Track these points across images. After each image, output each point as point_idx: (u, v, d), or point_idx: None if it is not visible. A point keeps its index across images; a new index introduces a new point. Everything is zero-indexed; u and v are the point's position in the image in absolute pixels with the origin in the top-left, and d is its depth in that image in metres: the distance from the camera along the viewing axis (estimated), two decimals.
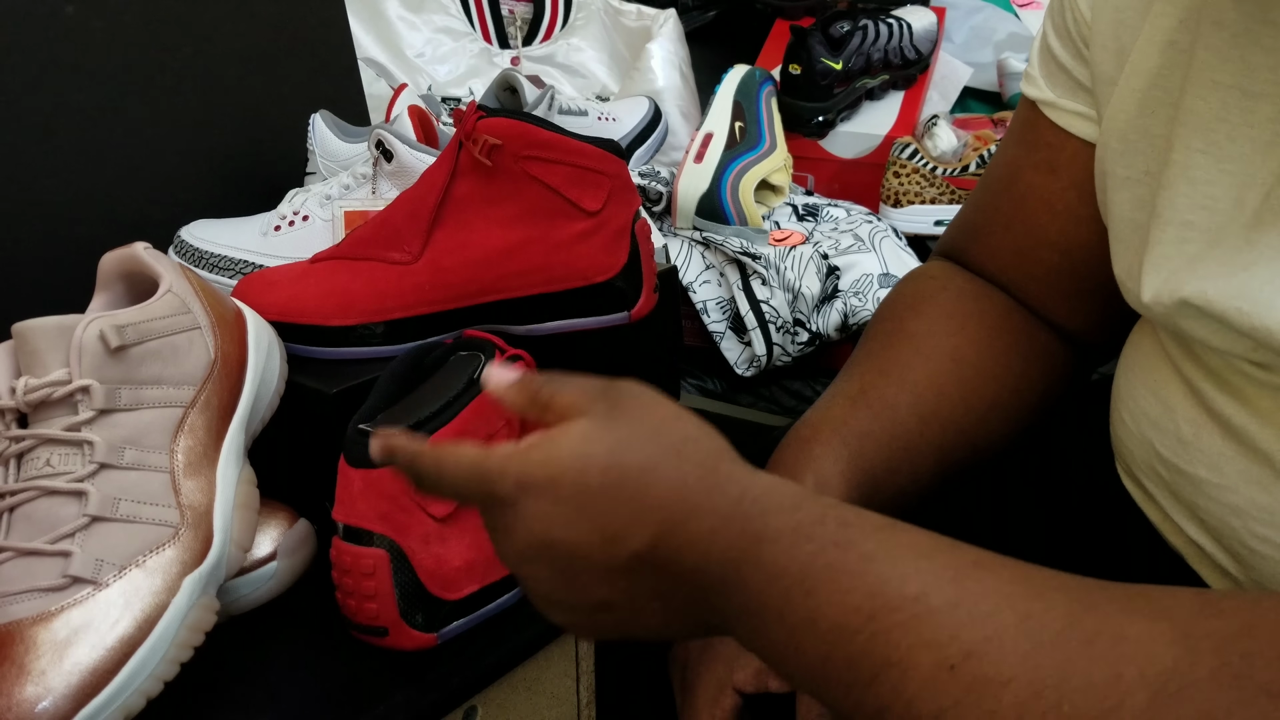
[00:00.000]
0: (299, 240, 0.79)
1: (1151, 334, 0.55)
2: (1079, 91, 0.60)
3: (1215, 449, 0.48)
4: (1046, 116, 0.62)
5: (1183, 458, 0.50)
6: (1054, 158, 0.62)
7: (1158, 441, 0.52)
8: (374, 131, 0.79)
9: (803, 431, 0.60)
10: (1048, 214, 0.63)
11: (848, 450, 0.58)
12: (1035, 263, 0.64)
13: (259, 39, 0.99)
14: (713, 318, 1.08)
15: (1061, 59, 0.60)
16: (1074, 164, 0.61)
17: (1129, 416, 0.55)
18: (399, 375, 0.60)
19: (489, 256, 0.68)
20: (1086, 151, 0.59)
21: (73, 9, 0.84)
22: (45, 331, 0.54)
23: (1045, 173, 0.62)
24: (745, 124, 1.16)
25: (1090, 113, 0.59)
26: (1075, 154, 0.60)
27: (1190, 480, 0.50)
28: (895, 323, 0.66)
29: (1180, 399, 0.51)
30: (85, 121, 0.86)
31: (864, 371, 0.63)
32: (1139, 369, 0.55)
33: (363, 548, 0.54)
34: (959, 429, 0.61)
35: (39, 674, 0.47)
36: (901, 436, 0.59)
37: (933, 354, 0.62)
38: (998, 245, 0.66)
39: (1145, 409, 0.53)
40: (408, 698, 0.54)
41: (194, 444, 0.56)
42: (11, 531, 0.52)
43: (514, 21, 1.42)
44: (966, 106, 1.48)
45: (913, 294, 0.68)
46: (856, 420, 0.59)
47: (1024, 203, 0.64)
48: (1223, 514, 0.48)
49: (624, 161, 0.70)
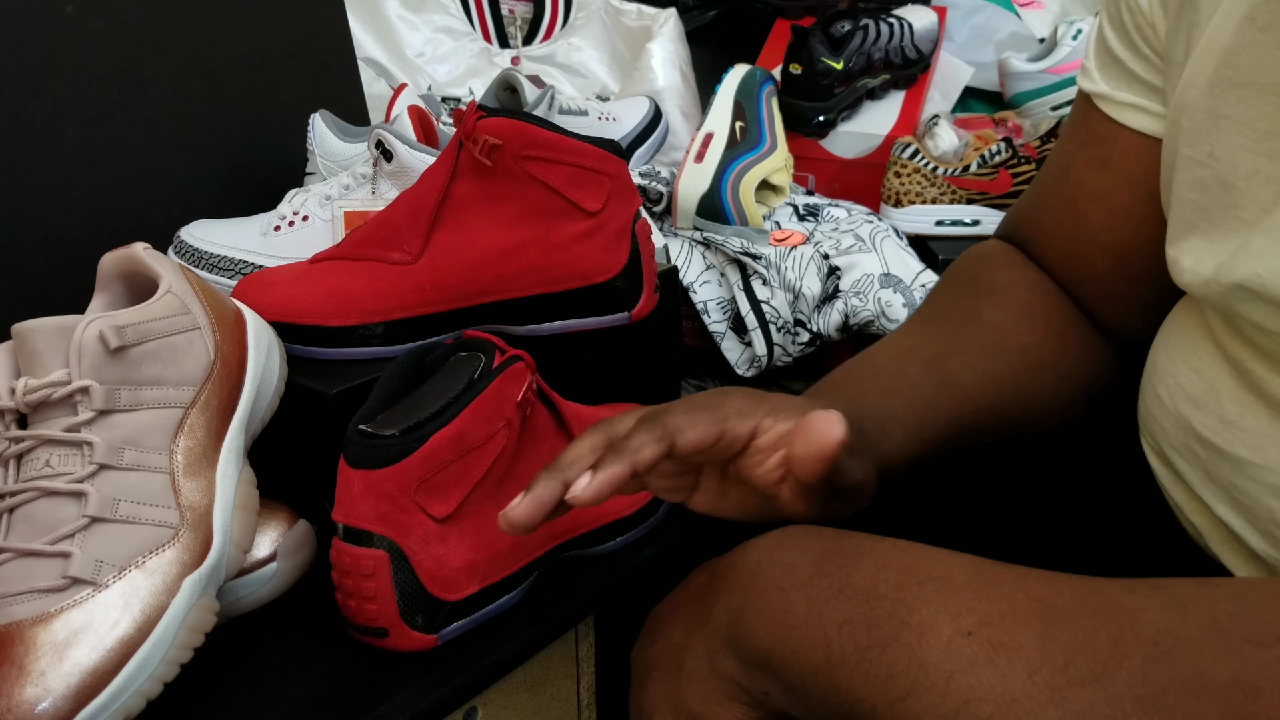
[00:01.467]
0: (299, 240, 0.79)
1: (1195, 312, 0.55)
2: (1134, 84, 0.59)
3: (1260, 429, 0.48)
4: (1100, 110, 0.61)
5: (1223, 437, 0.50)
6: (1106, 153, 0.61)
7: (1196, 420, 0.52)
8: (374, 131, 0.79)
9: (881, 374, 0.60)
10: (1100, 213, 0.63)
11: (915, 417, 0.58)
12: (1087, 264, 0.64)
13: (259, 39, 0.99)
14: (713, 318, 1.08)
15: (1117, 51, 0.60)
16: (1126, 158, 0.60)
17: (1165, 394, 0.55)
18: (399, 376, 0.60)
19: (489, 257, 0.68)
20: (1140, 145, 0.59)
21: (73, 9, 0.84)
22: (45, 332, 0.54)
23: (1097, 169, 0.62)
24: (746, 124, 1.16)
25: (1147, 105, 0.59)
26: (1128, 148, 0.60)
27: (1229, 460, 0.50)
28: (973, 301, 0.66)
29: (1225, 378, 0.51)
30: (85, 122, 0.86)
31: (938, 339, 0.63)
32: (1180, 347, 0.55)
33: (363, 549, 0.54)
34: (1003, 421, 0.61)
35: (39, 675, 0.47)
36: (959, 419, 0.60)
37: (1004, 348, 0.63)
38: (1048, 245, 0.67)
39: (1185, 387, 0.53)
40: (408, 699, 0.54)
41: (194, 445, 0.56)
42: (11, 532, 0.52)
43: (514, 21, 1.42)
44: (968, 106, 1.48)
45: (991, 280, 0.68)
46: (929, 389, 0.60)
47: (1075, 202, 0.64)
48: (1260, 494, 0.48)
49: (624, 161, 0.70)
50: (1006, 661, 0.36)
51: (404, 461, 0.54)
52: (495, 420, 0.57)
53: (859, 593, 0.41)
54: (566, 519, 0.62)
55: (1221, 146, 0.49)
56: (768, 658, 0.43)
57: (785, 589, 0.43)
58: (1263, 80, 0.47)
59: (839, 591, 0.41)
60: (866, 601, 0.40)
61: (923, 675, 0.37)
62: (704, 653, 0.47)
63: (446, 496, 0.56)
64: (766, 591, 0.44)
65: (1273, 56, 0.47)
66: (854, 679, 0.39)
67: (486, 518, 0.58)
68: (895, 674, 0.38)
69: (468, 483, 0.56)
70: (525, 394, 0.59)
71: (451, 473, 0.55)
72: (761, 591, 0.44)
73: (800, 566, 0.44)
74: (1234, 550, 0.52)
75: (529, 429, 0.60)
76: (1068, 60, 1.37)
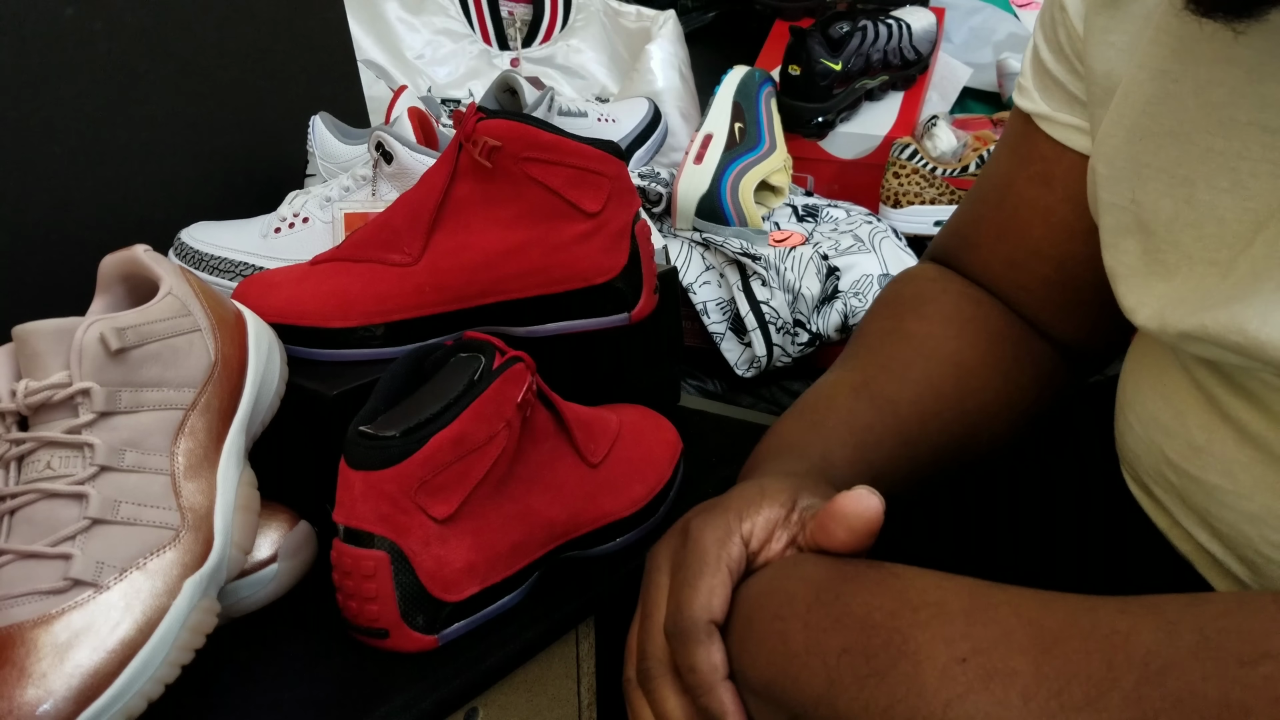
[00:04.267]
0: (299, 242, 0.79)
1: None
2: (1074, 105, 0.59)
3: (1229, 455, 0.48)
4: (1041, 129, 0.61)
5: (1194, 464, 0.50)
6: (1048, 170, 0.61)
7: (1168, 447, 0.52)
8: (374, 133, 0.79)
9: (808, 414, 0.60)
10: (1042, 226, 0.62)
11: (854, 439, 0.58)
12: (1028, 274, 0.64)
13: (259, 41, 0.99)
14: (713, 319, 1.08)
15: (1055, 72, 0.60)
16: (1069, 177, 0.60)
17: (1137, 422, 0.55)
18: (399, 377, 0.60)
19: (489, 258, 0.68)
20: (1082, 164, 0.58)
21: (73, 11, 0.84)
22: (45, 334, 0.54)
23: (1039, 185, 0.62)
24: (745, 125, 1.16)
25: (1086, 126, 0.58)
26: (1071, 167, 0.60)
27: (1202, 487, 0.50)
28: (895, 321, 0.66)
29: (1192, 404, 0.50)
30: (85, 124, 0.86)
31: (864, 365, 0.63)
32: (1147, 374, 0.55)
33: (363, 549, 0.54)
34: (954, 431, 0.61)
35: (40, 677, 0.47)
36: (903, 433, 0.59)
37: (933, 355, 0.62)
38: (989, 255, 0.66)
39: (1155, 414, 0.53)
40: (409, 699, 0.54)
41: (194, 446, 0.56)
42: (12, 534, 0.52)
43: (513, 23, 1.42)
44: (966, 107, 1.48)
45: (913, 295, 0.68)
46: (862, 412, 0.59)
47: (1017, 214, 0.63)
48: (1236, 521, 0.48)
49: (624, 163, 0.70)
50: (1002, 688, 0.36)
51: (404, 462, 0.54)
52: (495, 421, 0.57)
53: (856, 621, 0.41)
54: (567, 520, 0.62)
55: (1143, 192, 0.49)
56: (770, 687, 0.43)
57: (784, 618, 0.43)
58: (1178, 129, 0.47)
59: (836, 620, 0.41)
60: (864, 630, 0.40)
61: (921, 703, 0.38)
62: None
63: (447, 497, 0.56)
64: (766, 620, 0.44)
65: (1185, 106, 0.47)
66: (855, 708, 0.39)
67: (487, 518, 0.58)
68: (895, 702, 0.38)
69: (468, 484, 0.56)
70: (525, 395, 0.59)
71: (452, 474, 0.55)
72: (762, 621, 0.44)
73: (799, 595, 0.44)
74: (1221, 576, 0.52)
75: (529, 430, 0.60)
76: None
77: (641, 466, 0.67)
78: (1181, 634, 0.35)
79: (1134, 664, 0.35)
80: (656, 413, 0.74)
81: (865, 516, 0.44)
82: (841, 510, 0.45)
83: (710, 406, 1.01)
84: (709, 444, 0.79)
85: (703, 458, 0.76)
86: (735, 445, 0.79)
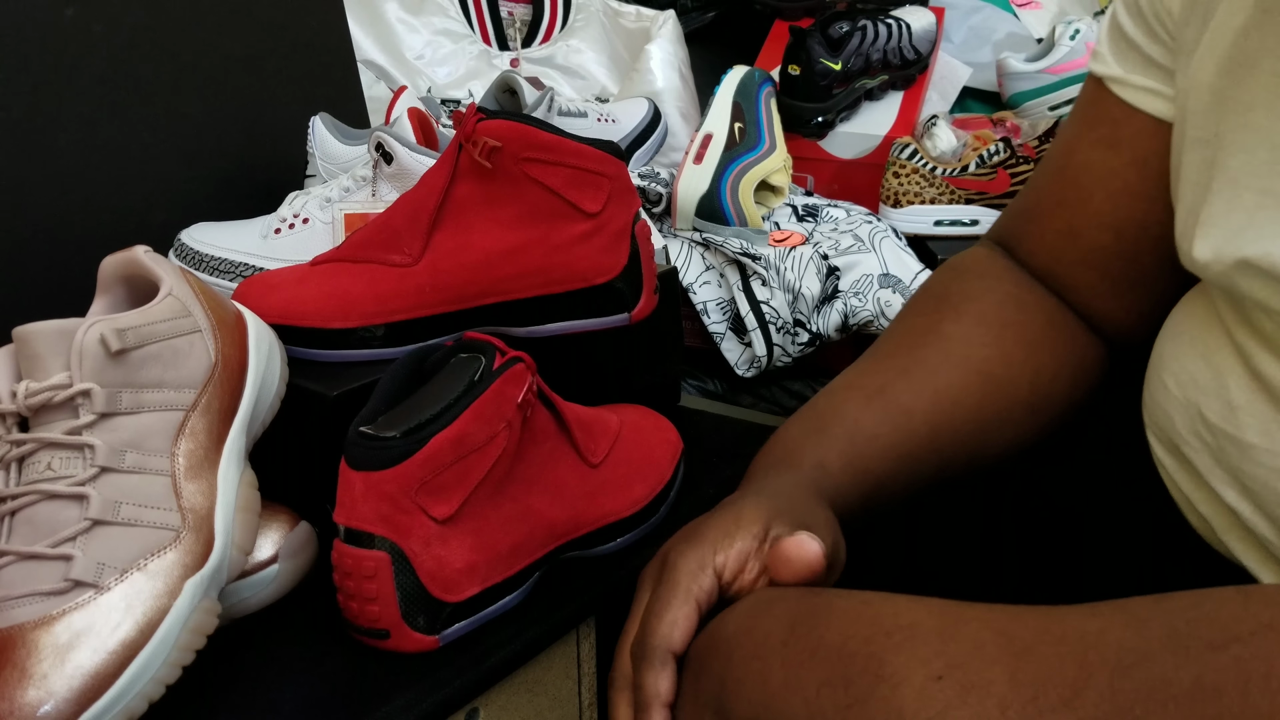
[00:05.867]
0: (299, 243, 0.79)
1: (1205, 300, 0.55)
2: (1150, 68, 0.59)
3: (1267, 414, 0.49)
4: (1113, 93, 0.61)
5: (1232, 423, 0.51)
6: (1116, 133, 0.61)
7: (1205, 407, 0.52)
8: (374, 134, 0.79)
9: (813, 419, 0.61)
10: (1103, 191, 0.62)
11: (854, 449, 0.58)
12: (1086, 244, 0.64)
13: (259, 42, 0.99)
14: (713, 319, 1.08)
15: (1132, 36, 0.60)
16: (1136, 140, 0.60)
17: (1173, 382, 0.55)
18: (400, 378, 0.60)
19: (489, 258, 0.68)
20: (1151, 128, 0.59)
21: (73, 12, 0.84)
22: (46, 335, 0.54)
23: (1105, 148, 0.62)
24: (745, 125, 1.16)
25: (1160, 89, 0.59)
26: (1139, 130, 0.60)
27: (1238, 445, 0.50)
28: (932, 319, 0.66)
29: (1232, 365, 0.51)
30: (85, 125, 0.86)
31: (886, 369, 0.63)
32: (1189, 335, 0.55)
33: (364, 550, 0.55)
34: (966, 442, 0.61)
35: (41, 678, 0.47)
36: (908, 444, 0.59)
37: (961, 363, 0.62)
38: (1047, 226, 0.66)
39: (1194, 375, 0.54)
40: (409, 700, 0.54)
41: (195, 447, 0.56)
42: (13, 535, 0.52)
43: (513, 23, 1.42)
44: (966, 106, 1.48)
45: (957, 292, 0.67)
46: (869, 420, 0.60)
47: (1078, 181, 0.64)
48: (1268, 479, 0.49)
49: (624, 163, 0.70)
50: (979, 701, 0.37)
51: (405, 463, 0.54)
52: (496, 422, 0.57)
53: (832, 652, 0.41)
54: (567, 520, 0.62)
55: (1226, 126, 0.50)
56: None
57: (762, 656, 0.44)
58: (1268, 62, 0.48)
59: (813, 654, 0.42)
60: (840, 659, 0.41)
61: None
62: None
63: (447, 498, 0.56)
64: (745, 660, 0.44)
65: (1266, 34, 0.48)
66: None
67: (487, 519, 0.58)
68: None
69: (469, 484, 0.56)
70: (526, 395, 0.59)
71: (452, 474, 0.56)
72: (740, 661, 0.44)
73: (774, 633, 0.44)
74: (1242, 538, 0.52)
75: (530, 430, 0.60)
76: (1065, 60, 1.37)
77: (642, 466, 0.68)
78: (1151, 628, 0.36)
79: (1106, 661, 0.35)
80: (657, 413, 0.74)
81: (805, 560, 0.48)
82: (785, 555, 0.49)
83: (710, 406, 1.02)
84: (709, 444, 0.79)
85: (703, 458, 0.76)
86: (735, 445, 0.79)
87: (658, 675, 0.48)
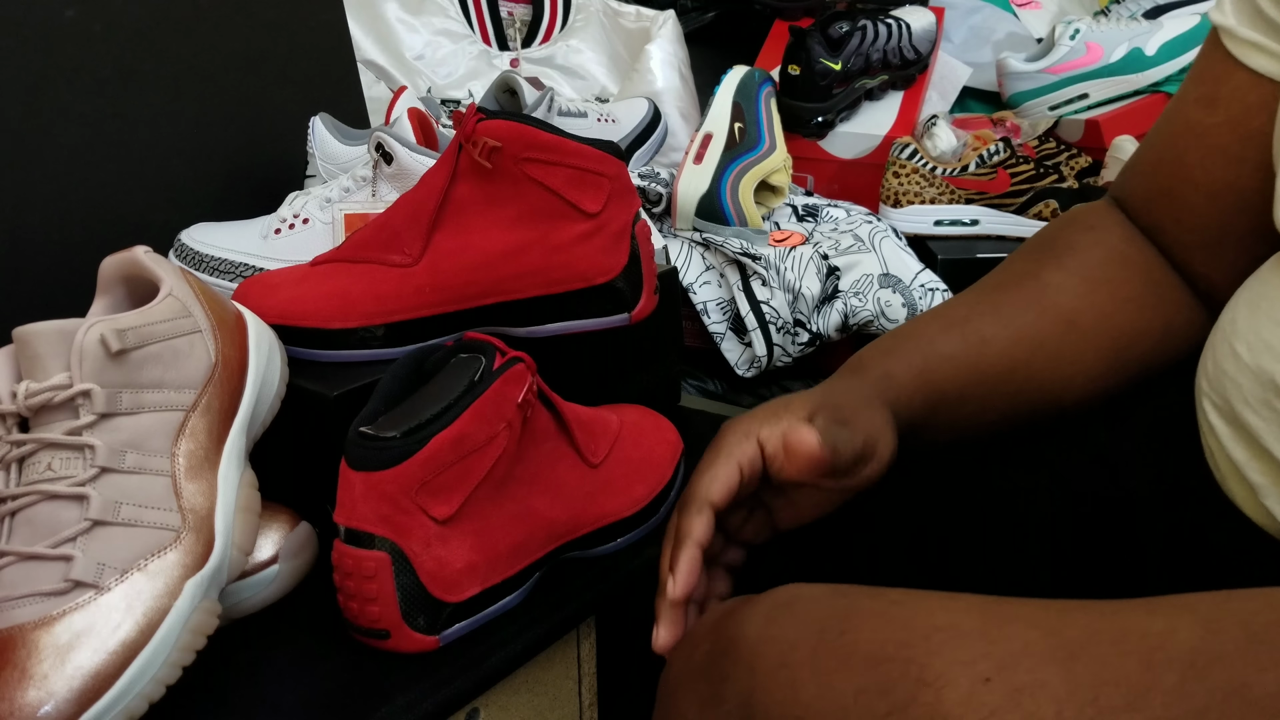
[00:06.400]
0: (299, 243, 0.79)
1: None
2: (1259, 21, 0.58)
3: None
4: (1222, 46, 0.60)
5: None
6: (1215, 91, 0.60)
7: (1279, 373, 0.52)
8: (374, 134, 0.79)
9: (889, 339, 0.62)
10: (1197, 152, 0.61)
11: (925, 364, 0.59)
12: (1181, 204, 0.63)
13: (259, 42, 0.99)
14: (713, 319, 1.08)
15: None
16: (1234, 99, 0.59)
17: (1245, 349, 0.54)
18: (400, 378, 0.60)
19: (489, 259, 0.68)
20: (1251, 85, 0.58)
21: (73, 13, 0.84)
22: (46, 336, 0.54)
23: (1203, 107, 0.61)
24: (745, 125, 1.16)
25: (1266, 44, 0.57)
26: (1239, 87, 0.59)
27: None
28: (1034, 264, 0.66)
29: None
30: (85, 125, 0.86)
31: (975, 302, 0.64)
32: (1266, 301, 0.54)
33: (364, 550, 0.55)
34: (1039, 383, 0.61)
35: (41, 678, 0.47)
36: (981, 369, 0.60)
37: (1049, 309, 0.62)
38: (1149, 185, 0.66)
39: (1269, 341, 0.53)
40: (410, 700, 0.54)
41: (195, 447, 0.56)
42: (13, 536, 0.52)
43: (513, 23, 1.42)
44: (966, 106, 1.48)
45: (1064, 241, 0.67)
46: (945, 343, 0.60)
47: (1176, 140, 0.63)
48: None
49: (623, 163, 0.70)
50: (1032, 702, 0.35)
51: (405, 463, 0.54)
52: (496, 422, 0.57)
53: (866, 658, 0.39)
54: (567, 521, 0.62)
55: None
56: None
57: (790, 665, 0.41)
58: None
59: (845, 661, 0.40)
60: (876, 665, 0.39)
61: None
62: None
63: (448, 498, 0.56)
64: (771, 670, 0.42)
65: None
66: None
67: (488, 519, 0.58)
68: None
69: (469, 484, 0.56)
70: (526, 395, 0.59)
71: (452, 474, 0.56)
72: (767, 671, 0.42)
73: (801, 641, 0.42)
74: None
75: (530, 430, 0.60)
76: (1065, 60, 1.37)
77: (642, 467, 0.68)
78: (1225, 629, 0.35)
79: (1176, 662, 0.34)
80: (657, 413, 0.74)
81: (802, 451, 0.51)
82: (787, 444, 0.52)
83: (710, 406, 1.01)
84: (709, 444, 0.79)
85: None
86: None
87: (693, 520, 0.53)
